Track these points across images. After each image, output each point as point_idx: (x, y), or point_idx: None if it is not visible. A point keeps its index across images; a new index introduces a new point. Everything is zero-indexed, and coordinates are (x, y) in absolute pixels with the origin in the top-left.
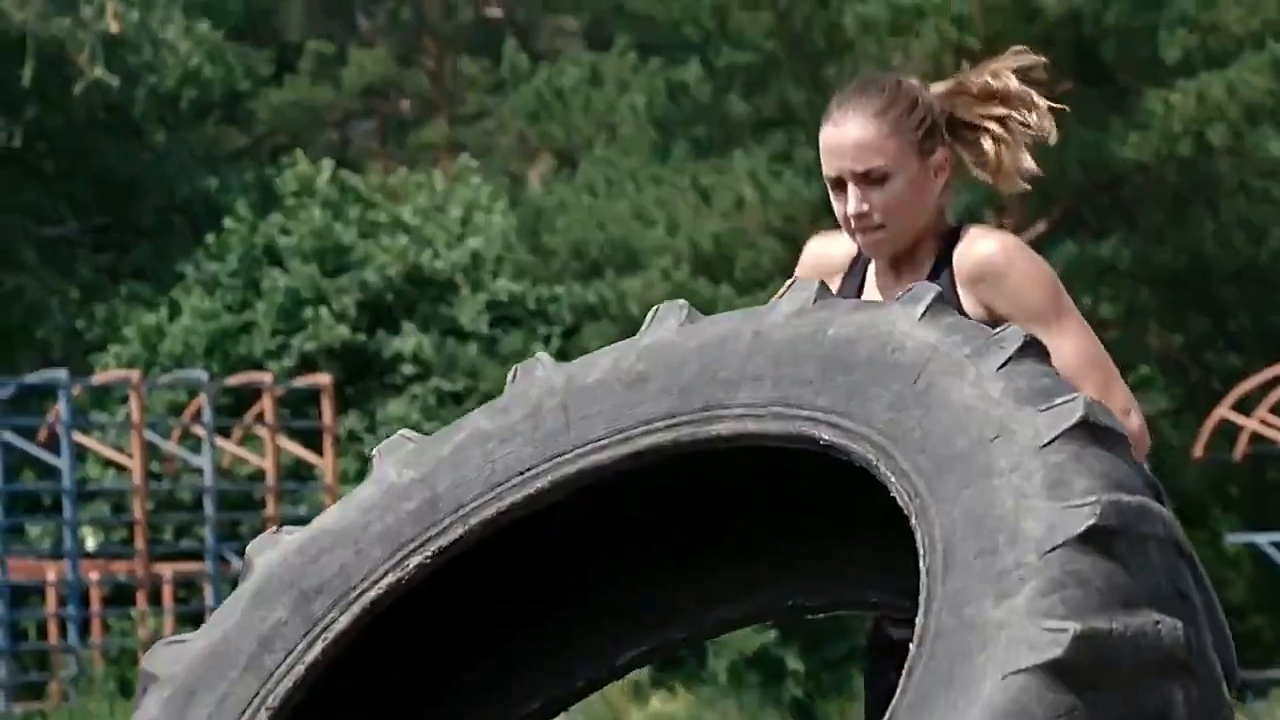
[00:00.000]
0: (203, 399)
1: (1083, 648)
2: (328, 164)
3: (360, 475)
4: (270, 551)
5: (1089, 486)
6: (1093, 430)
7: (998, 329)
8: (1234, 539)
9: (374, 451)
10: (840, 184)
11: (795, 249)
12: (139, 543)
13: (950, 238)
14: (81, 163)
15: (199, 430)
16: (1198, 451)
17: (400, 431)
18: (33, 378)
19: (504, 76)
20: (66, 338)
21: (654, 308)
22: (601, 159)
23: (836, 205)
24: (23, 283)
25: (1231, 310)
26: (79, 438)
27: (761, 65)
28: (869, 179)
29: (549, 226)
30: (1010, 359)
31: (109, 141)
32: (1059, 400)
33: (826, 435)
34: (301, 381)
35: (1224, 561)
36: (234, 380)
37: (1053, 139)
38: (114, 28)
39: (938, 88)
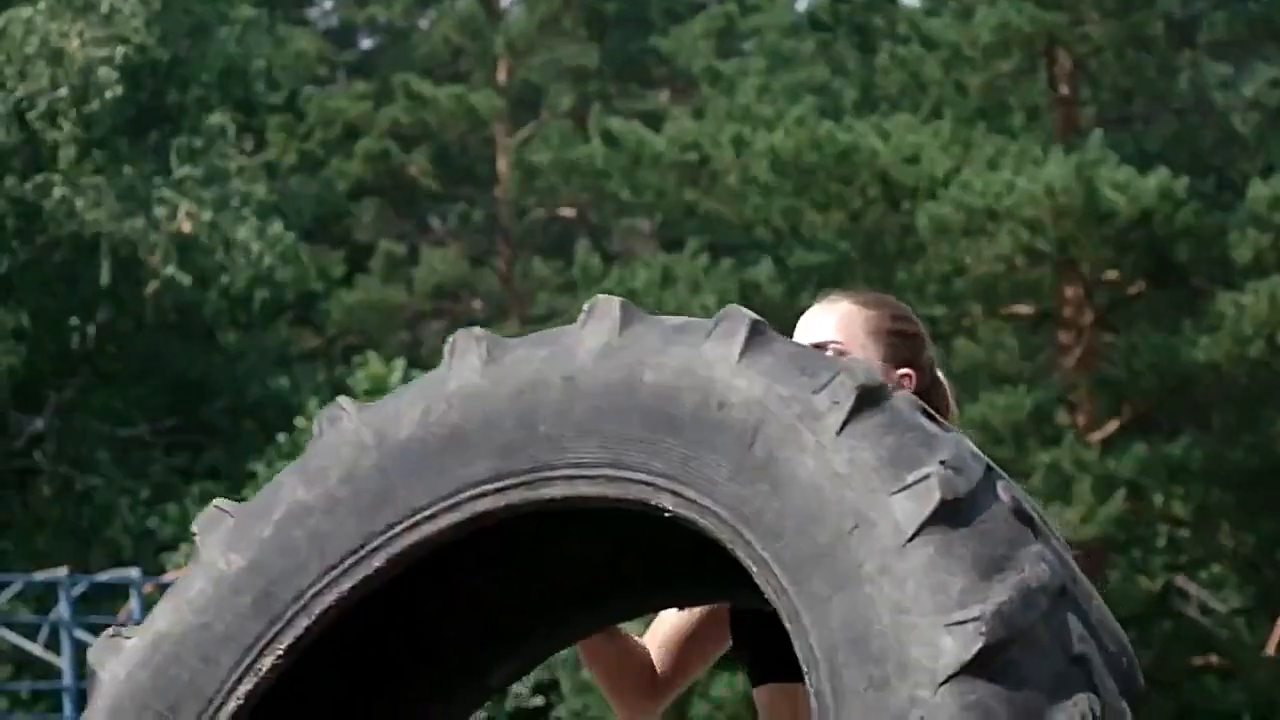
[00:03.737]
0: None
1: None
2: (399, 364)
3: None
4: (113, 661)
5: (967, 591)
6: (954, 509)
7: (832, 371)
8: None
9: (193, 528)
10: None
11: None
12: None
13: None
14: (153, 364)
15: None
16: (1270, 650)
17: (215, 502)
18: (105, 576)
19: (575, 277)
20: (137, 538)
21: (450, 339)
22: None
23: None
24: (94, 483)
25: None
26: None
27: (834, 266)
28: None
29: None
30: (849, 417)
31: (180, 342)
32: (911, 478)
33: (670, 505)
34: None
35: None
36: None
37: None
38: (186, 229)
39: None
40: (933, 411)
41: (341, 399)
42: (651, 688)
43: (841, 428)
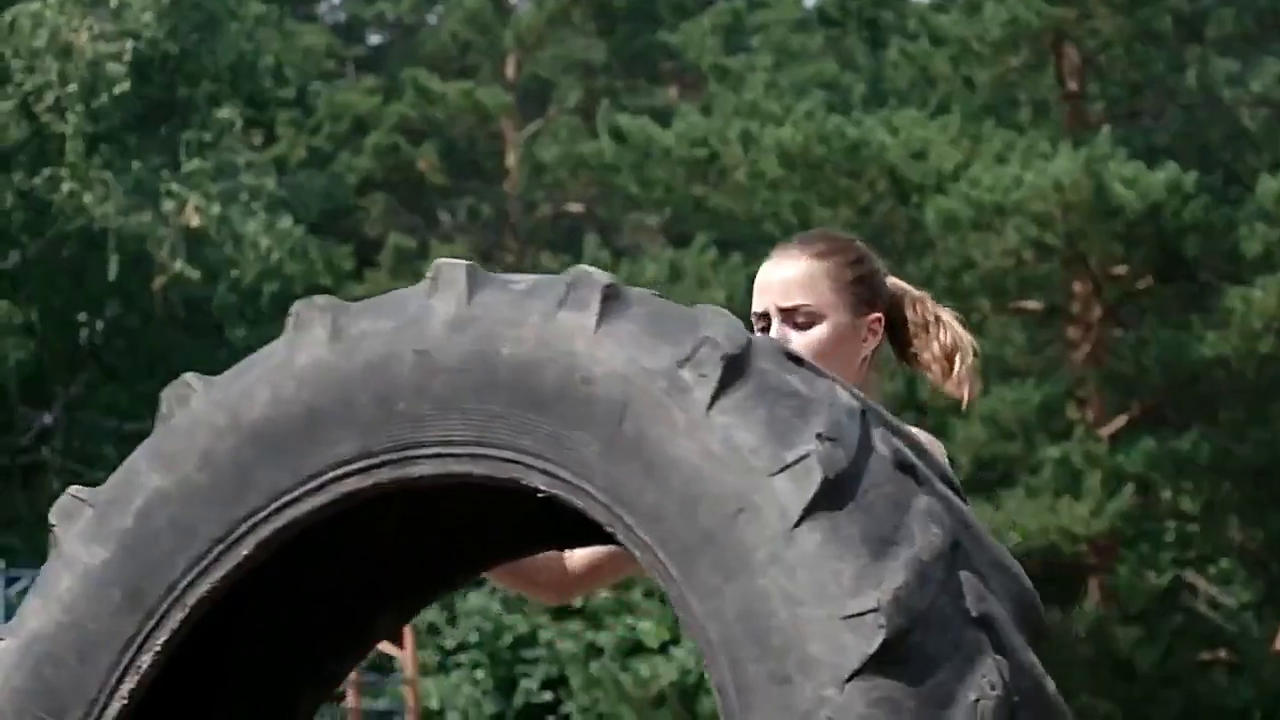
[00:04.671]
0: None
1: None
2: None
3: (441, 667)
4: None
5: (860, 576)
6: (837, 487)
7: (695, 339)
8: None
9: (50, 518)
10: (765, 324)
11: None
12: None
13: None
14: (161, 359)
15: None
16: (1278, 645)
17: (70, 490)
18: None
19: None
20: None
21: (293, 308)
22: None
23: None
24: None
25: None
26: None
27: None
28: (794, 319)
29: None
30: (717, 391)
31: (188, 337)
32: (790, 457)
33: (543, 485)
34: None
35: None
36: None
37: (964, 403)
38: (194, 223)
39: (895, 280)
40: (802, 356)
41: (188, 376)
42: (558, 582)
43: (711, 403)
